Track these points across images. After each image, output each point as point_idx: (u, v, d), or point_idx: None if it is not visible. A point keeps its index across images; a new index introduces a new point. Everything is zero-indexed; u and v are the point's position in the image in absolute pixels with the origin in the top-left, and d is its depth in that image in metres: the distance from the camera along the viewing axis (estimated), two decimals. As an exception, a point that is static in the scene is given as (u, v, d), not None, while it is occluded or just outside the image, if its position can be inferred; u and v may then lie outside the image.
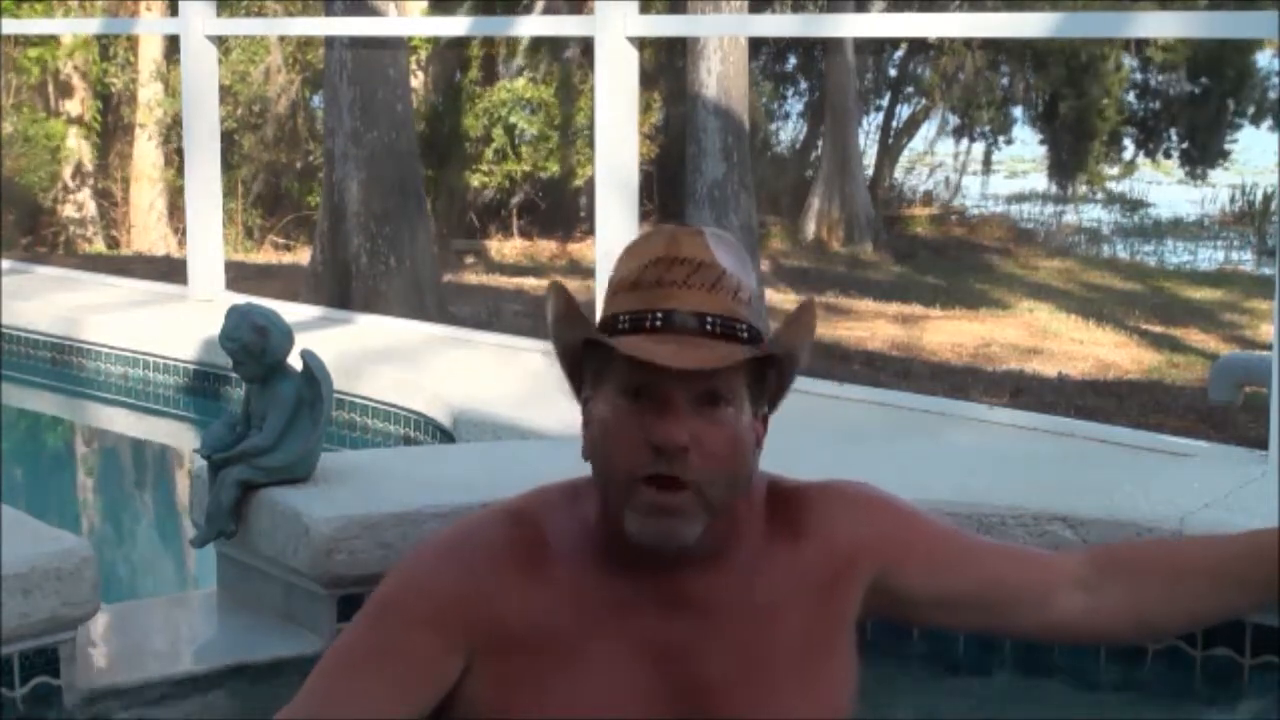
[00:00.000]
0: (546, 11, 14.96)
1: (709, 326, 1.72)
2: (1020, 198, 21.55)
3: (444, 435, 5.21)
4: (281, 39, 14.93)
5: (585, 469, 1.84)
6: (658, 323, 1.72)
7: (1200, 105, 19.31)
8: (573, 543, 1.80)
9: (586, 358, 1.80)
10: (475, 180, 16.11)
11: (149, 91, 15.35)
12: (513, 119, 15.83)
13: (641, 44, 6.18)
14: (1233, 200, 20.35)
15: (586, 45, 13.64)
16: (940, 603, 1.91)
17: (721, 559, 1.79)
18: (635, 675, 1.78)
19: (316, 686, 1.80)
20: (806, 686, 1.83)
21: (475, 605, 1.77)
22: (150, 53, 15.33)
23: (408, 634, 1.77)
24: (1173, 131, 19.82)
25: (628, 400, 1.73)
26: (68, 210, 15.44)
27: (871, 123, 19.83)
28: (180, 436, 6.42)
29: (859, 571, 1.87)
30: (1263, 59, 19.19)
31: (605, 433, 1.75)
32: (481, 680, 1.78)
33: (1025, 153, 22.08)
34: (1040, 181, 21.67)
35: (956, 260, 16.32)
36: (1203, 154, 19.66)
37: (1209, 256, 17.72)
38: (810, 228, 17.01)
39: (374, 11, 9.87)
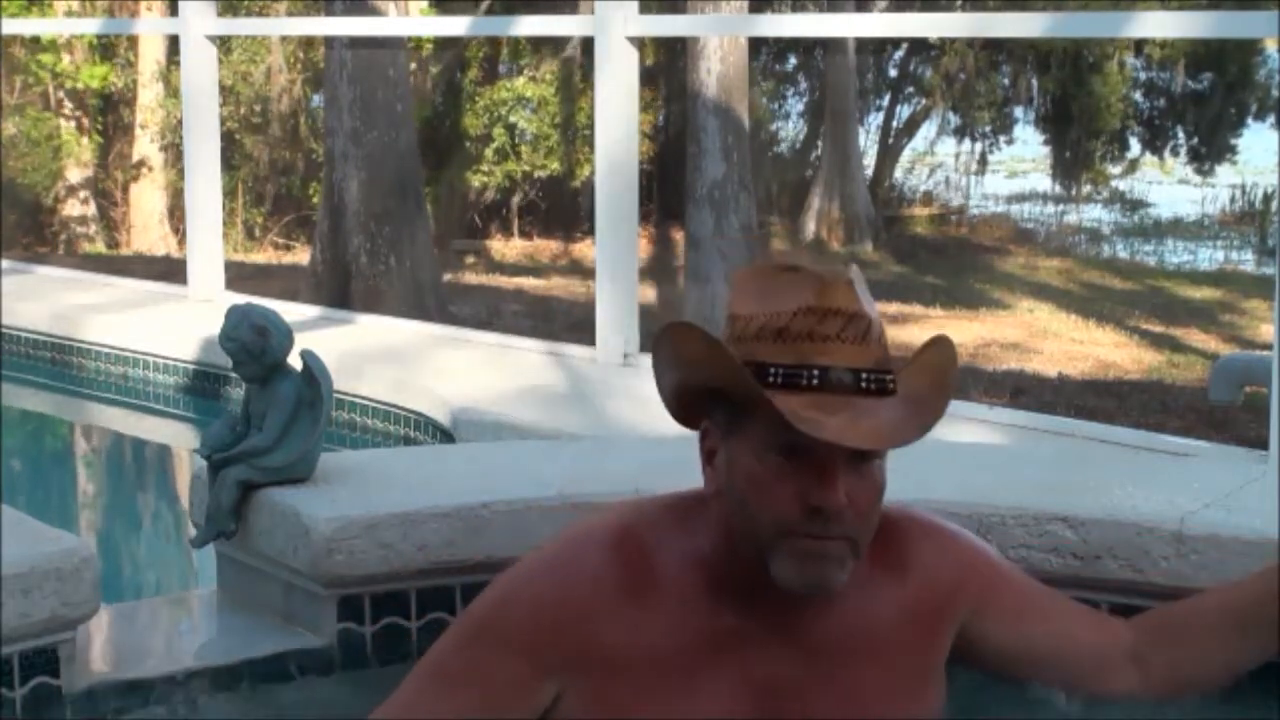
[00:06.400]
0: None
1: (864, 384, 1.68)
2: (1020, 198, 21.54)
3: (444, 435, 5.21)
4: (283, 39, 14.93)
5: (585, 471, 1.83)
6: (815, 380, 1.67)
7: (1206, 101, 19.29)
8: (680, 568, 1.76)
9: (715, 399, 1.74)
10: (476, 180, 16.11)
11: (150, 92, 15.35)
12: (513, 118, 15.82)
13: (641, 44, 6.18)
14: (1233, 200, 20.35)
15: (586, 44, 13.64)
16: (1019, 652, 1.90)
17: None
18: (738, 708, 1.75)
19: (407, 698, 1.78)
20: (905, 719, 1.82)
21: (572, 629, 1.73)
22: (152, 53, 15.33)
23: (500, 658, 1.74)
24: (1179, 129, 19.81)
25: (780, 456, 1.68)
26: (68, 210, 15.45)
27: (871, 123, 19.84)
28: (180, 436, 6.42)
29: (956, 609, 1.86)
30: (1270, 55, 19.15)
31: (754, 487, 1.71)
32: (578, 704, 1.75)
33: (1026, 153, 22.07)
34: (1041, 181, 21.66)
35: (956, 260, 16.32)
36: (1209, 151, 19.64)
37: (1209, 256, 17.71)
38: (810, 228, 17.01)
39: (374, 11, 9.87)
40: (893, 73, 19.95)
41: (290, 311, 6.35)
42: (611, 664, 1.72)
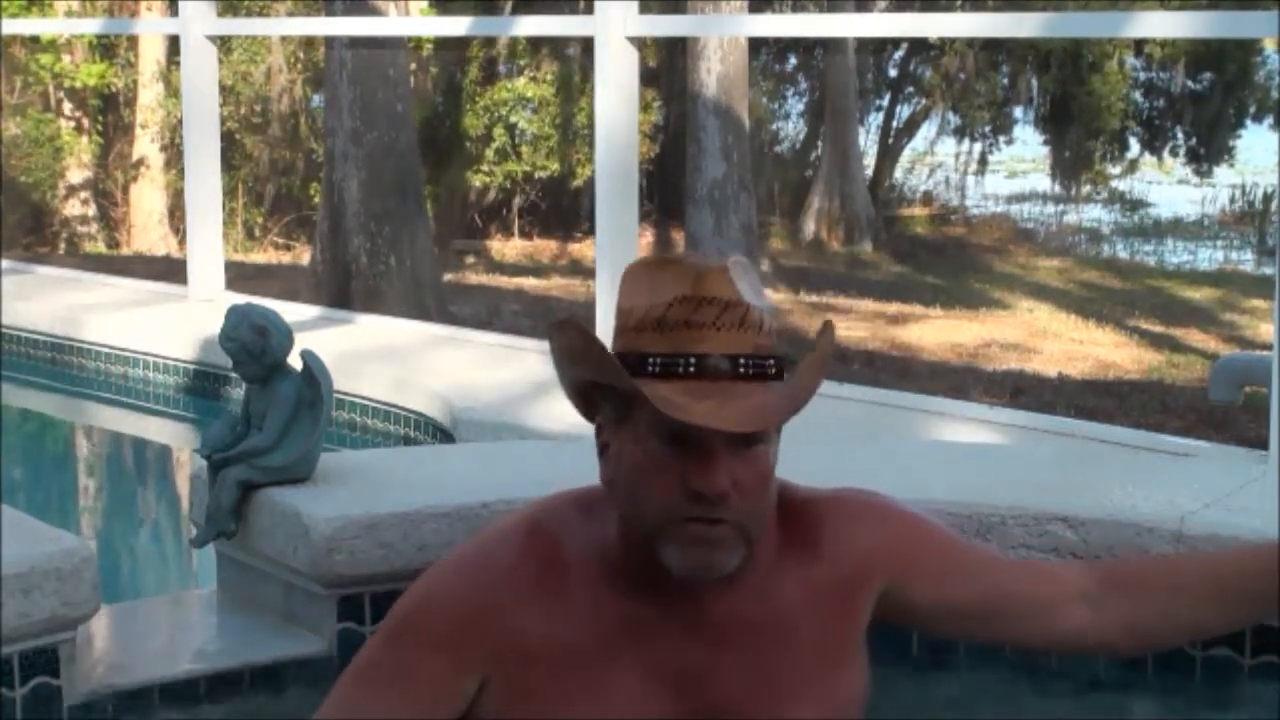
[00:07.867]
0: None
1: (742, 369, 1.71)
2: (1020, 198, 21.55)
3: (444, 435, 5.21)
4: (283, 39, 14.94)
5: (586, 470, 1.83)
6: (691, 368, 1.71)
7: (1205, 101, 19.30)
8: (589, 560, 1.80)
9: (602, 392, 1.78)
10: (476, 180, 16.11)
11: (150, 92, 15.36)
12: (513, 118, 15.83)
13: (641, 44, 6.18)
14: (1233, 200, 20.36)
15: (586, 44, 13.64)
16: (947, 613, 1.92)
17: (738, 576, 1.78)
18: (653, 694, 1.79)
19: (338, 700, 1.82)
20: (821, 699, 1.84)
21: (491, 623, 1.77)
22: (152, 53, 15.33)
23: (422, 655, 1.78)
24: (1178, 129, 19.82)
25: (662, 444, 1.71)
26: (69, 210, 15.45)
27: (871, 123, 19.84)
28: (180, 436, 6.42)
29: (871, 583, 1.87)
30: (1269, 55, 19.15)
31: (638, 475, 1.74)
32: (499, 695, 1.78)
33: (1026, 153, 22.08)
34: (1041, 181, 21.67)
35: (956, 260, 16.33)
36: (1209, 151, 19.65)
37: (1209, 256, 17.73)
38: (810, 228, 17.02)
39: (374, 11, 9.87)
40: (893, 73, 19.95)
41: (290, 311, 6.35)
42: (529, 655, 1.77)
